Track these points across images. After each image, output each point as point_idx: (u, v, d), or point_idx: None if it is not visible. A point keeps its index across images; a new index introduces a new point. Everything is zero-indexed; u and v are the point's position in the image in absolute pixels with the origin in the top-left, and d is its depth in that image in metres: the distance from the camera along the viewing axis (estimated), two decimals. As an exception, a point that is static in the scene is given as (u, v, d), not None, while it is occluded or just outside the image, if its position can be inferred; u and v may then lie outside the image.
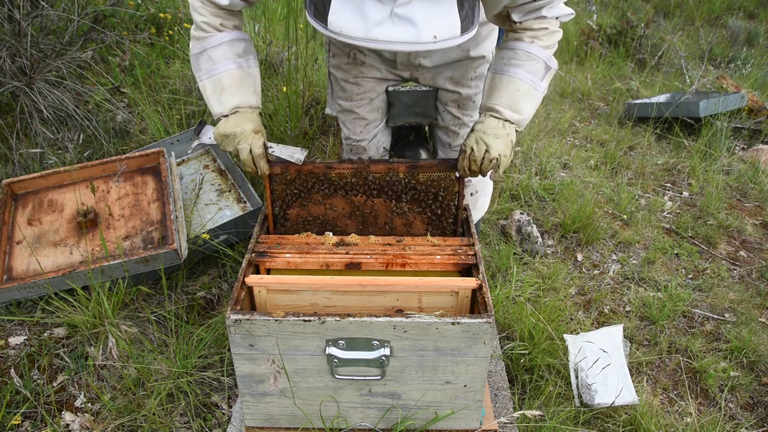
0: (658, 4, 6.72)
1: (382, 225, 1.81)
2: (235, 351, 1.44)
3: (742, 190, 3.37)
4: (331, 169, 1.76)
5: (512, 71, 1.65)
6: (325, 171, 1.76)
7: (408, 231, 1.82)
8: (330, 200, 1.79)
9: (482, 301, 1.48)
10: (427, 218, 1.81)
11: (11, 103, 2.83)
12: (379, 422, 1.57)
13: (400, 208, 1.79)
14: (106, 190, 2.36)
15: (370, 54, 1.96)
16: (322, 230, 1.82)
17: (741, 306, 2.48)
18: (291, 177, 1.77)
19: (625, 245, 2.83)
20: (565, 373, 2.01)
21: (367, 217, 1.81)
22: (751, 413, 2.03)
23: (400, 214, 1.80)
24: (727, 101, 3.82)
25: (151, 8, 3.75)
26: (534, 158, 3.40)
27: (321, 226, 1.82)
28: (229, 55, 1.65)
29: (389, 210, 1.79)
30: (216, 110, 1.67)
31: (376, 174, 1.76)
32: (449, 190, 1.78)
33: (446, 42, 1.37)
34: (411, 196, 1.79)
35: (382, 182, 1.77)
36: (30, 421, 1.77)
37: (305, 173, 1.76)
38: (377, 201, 1.79)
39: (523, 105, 1.66)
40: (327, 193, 1.79)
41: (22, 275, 2.08)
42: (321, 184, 1.78)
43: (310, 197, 1.79)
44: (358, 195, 1.79)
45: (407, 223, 1.81)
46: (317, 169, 1.76)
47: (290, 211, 1.81)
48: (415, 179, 1.77)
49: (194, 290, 2.29)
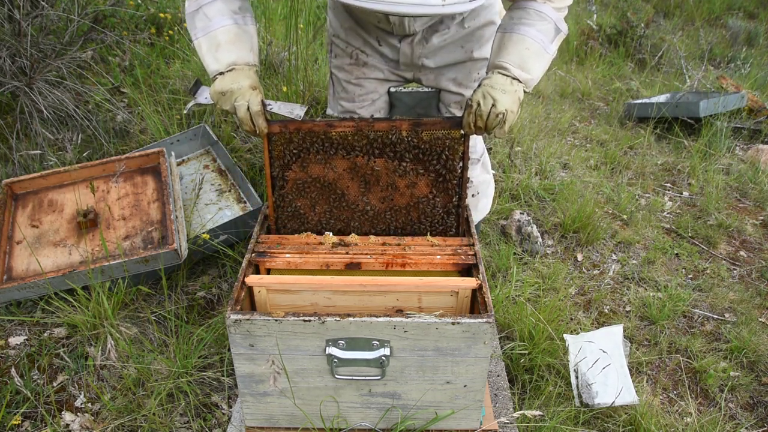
0: (658, 4, 6.72)
1: (384, 186, 1.75)
2: (235, 351, 1.44)
3: (742, 190, 3.37)
4: (332, 128, 1.68)
5: (522, 30, 1.61)
6: (326, 130, 1.68)
7: (411, 193, 1.75)
8: (330, 161, 1.73)
9: (482, 301, 1.48)
10: (431, 180, 1.74)
11: (11, 103, 2.83)
12: (379, 422, 1.57)
13: (403, 168, 1.73)
14: (106, 190, 2.36)
15: (373, 54, 1.96)
16: (322, 193, 1.77)
17: (741, 306, 2.48)
18: (290, 136, 1.70)
19: (625, 245, 2.83)
20: (565, 373, 2.01)
21: (368, 178, 1.74)
22: (751, 413, 2.03)
23: (403, 175, 1.74)
24: (727, 101, 3.82)
25: (151, 8, 3.75)
26: (534, 158, 3.40)
27: (321, 188, 1.77)
28: (224, 11, 1.61)
29: (391, 170, 1.73)
30: (212, 68, 1.62)
31: (378, 132, 1.69)
32: (454, 150, 1.70)
33: (455, 6, 1.33)
34: (414, 156, 1.71)
35: (385, 141, 1.70)
36: (30, 421, 1.77)
37: (305, 132, 1.69)
38: (379, 161, 1.72)
39: (532, 64, 1.61)
40: (327, 154, 1.72)
41: (22, 275, 2.08)
42: (321, 144, 1.71)
43: (310, 158, 1.72)
44: (359, 155, 1.72)
45: (410, 184, 1.74)
46: (317, 128, 1.68)
47: (289, 173, 1.75)
48: (419, 138, 1.69)
49: (194, 290, 2.29)
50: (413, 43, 1.88)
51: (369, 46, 1.94)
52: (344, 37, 1.96)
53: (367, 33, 1.92)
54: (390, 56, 1.95)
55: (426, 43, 1.89)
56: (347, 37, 1.96)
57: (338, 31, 1.98)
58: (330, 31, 2.03)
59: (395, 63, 1.96)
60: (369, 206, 1.78)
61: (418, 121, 1.67)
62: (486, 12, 1.91)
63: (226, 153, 2.66)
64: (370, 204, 1.78)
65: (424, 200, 1.76)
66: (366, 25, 1.90)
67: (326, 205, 1.79)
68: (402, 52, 1.91)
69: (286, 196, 1.79)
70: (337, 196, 1.77)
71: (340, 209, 1.79)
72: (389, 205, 1.78)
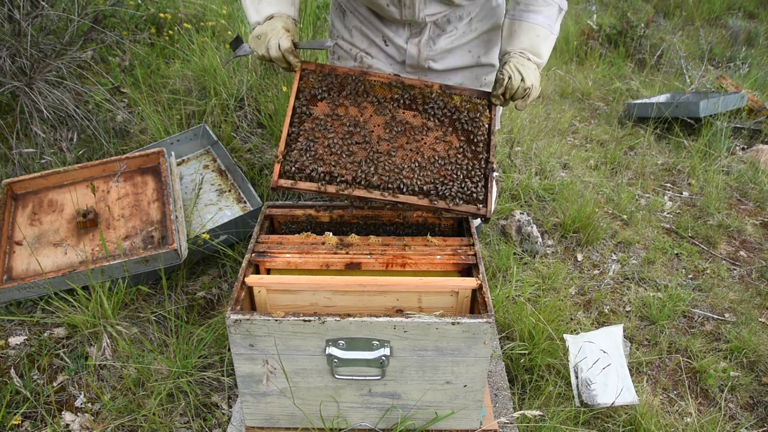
0: (658, 4, 6.72)
1: (411, 134, 1.78)
2: (235, 351, 1.44)
3: (742, 190, 3.37)
4: (367, 75, 1.79)
5: (531, 18, 1.77)
6: (360, 75, 1.79)
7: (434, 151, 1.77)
8: (360, 104, 1.79)
9: (482, 301, 1.48)
10: (457, 141, 1.79)
11: (11, 103, 2.83)
12: (379, 422, 1.57)
13: (430, 126, 1.79)
14: (106, 190, 2.36)
15: (378, 55, 1.95)
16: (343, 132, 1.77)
17: (741, 306, 2.48)
18: (325, 73, 1.78)
19: (625, 245, 2.83)
20: (565, 373, 2.01)
21: (396, 126, 1.78)
22: (751, 413, 2.03)
23: (428, 132, 1.79)
24: (727, 101, 3.82)
25: (151, 8, 3.75)
26: (534, 158, 3.40)
27: (344, 127, 1.77)
28: None
29: (418, 125, 1.79)
30: (253, 19, 1.74)
31: (411, 86, 1.79)
32: (482, 115, 1.81)
33: None
34: (443, 115, 1.80)
35: (416, 97, 1.79)
36: (30, 421, 1.77)
37: (340, 75, 1.78)
38: (408, 113, 1.79)
39: (542, 48, 1.78)
40: (358, 98, 1.79)
41: (22, 275, 2.08)
42: (353, 87, 1.79)
43: (340, 98, 1.79)
44: (389, 104, 1.79)
45: (436, 141, 1.78)
46: (353, 73, 1.78)
47: (315, 108, 1.79)
48: (449, 99, 1.80)
49: (194, 290, 2.29)
50: (420, 43, 1.88)
51: (375, 47, 1.94)
52: (349, 39, 1.96)
53: (374, 32, 1.91)
54: (396, 57, 1.94)
55: (433, 45, 1.88)
56: (352, 39, 1.96)
57: (342, 33, 1.98)
58: (333, 33, 2.03)
59: (401, 65, 1.95)
60: (389, 153, 1.76)
61: (450, 85, 1.81)
62: (493, 13, 1.91)
63: (226, 153, 2.66)
64: (390, 152, 1.77)
65: (447, 160, 1.78)
66: (372, 23, 1.90)
67: (344, 145, 1.76)
68: (408, 54, 1.91)
69: (303, 130, 1.78)
70: (360, 137, 1.78)
71: (359, 150, 1.76)
72: (410, 158, 1.77)
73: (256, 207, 2.41)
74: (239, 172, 2.55)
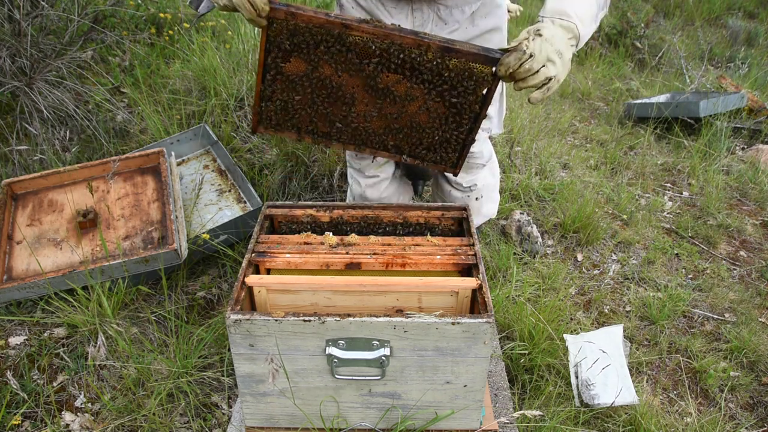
0: (658, 4, 6.72)
1: (389, 103, 1.60)
2: (235, 351, 1.44)
3: (742, 190, 3.37)
4: (348, 29, 1.47)
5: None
6: (341, 31, 1.47)
7: (417, 118, 1.62)
8: (338, 62, 1.54)
9: (482, 301, 1.48)
10: (443, 110, 1.60)
11: (11, 103, 2.83)
12: (379, 422, 1.57)
13: (415, 91, 1.57)
14: (106, 190, 2.36)
15: None
16: (320, 95, 1.60)
17: (741, 306, 2.48)
18: (297, 26, 1.47)
19: (625, 245, 2.83)
20: (565, 373, 2.01)
21: (378, 93, 1.58)
22: (751, 413, 2.03)
23: (413, 99, 1.59)
24: (727, 101, 3.82)
25: (151, 8, 3.75)
26: (534, 158, 3.40)
27: (321, 91, 1.59)
28: None
29: (402, 90, 1.57)
30: None
31: (401, 46, 1.48)
32: (478, 87, 1.53)
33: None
34: (432, 81, 1.54)
35: (404, 58, 1.50)
36: (30, 421, 1.77)
37: (315, 26, 1.47)
38: (392, 76, 1.54)
39: (590, 24, 1.45)
40: (337, 54, 1.52)
41: (22, 275, 2.08)
42: (331, 42, 1.50)
43: (315, 53, 1.52)
44: (371, 65, 1.53)
45: (420, 110, 1.60)
46: (331, 26, 1.46)
47: (287, 64, 1.55)
48: (444, 64, 1.50)
49: (194, 290, 2.29)
50: None
51: None
52: None
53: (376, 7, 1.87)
54: None
55: None
56: None
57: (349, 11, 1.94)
58: None
59: None
60: (368, 118, 1.64)
61: (450, 46, 1.47)
62: (495, 12, 1.88)
63: (226, 153, 2.66)
64: (371, 115, 1.64)
65: (427, 126, 1.65)
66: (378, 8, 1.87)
67: (320, 106, 1.65)
68: None
69: (277, 88, 1.62)
70: (337, 97, 1.61)
71: (336, 110, 1.64)
72: (390, 122, 1.65)
73: (256, 207, 2.41)
74: (239, 172, 2.55)
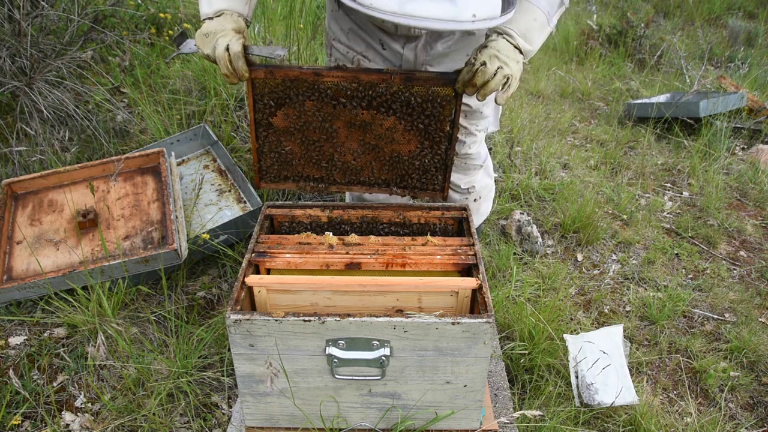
0: (658, 4, 6.72)
1: (371, 138, 1.73)
2: (235, 351, 1.44)
3: (742, 190, 3.37)
4: (320, 77, 1.63)
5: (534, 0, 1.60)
6: (314, 79, 1.64)
7: (397, 147, 1.74)
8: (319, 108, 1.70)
9: (482, 301, 1.48)
10: (418, 136, 1.71)
11: (11, 103, 2.83)
12: (379, 422, 1.57)
13: (390, 122, 1.70)
14: (106, 190, 2.36)
15: (375, 59, 1.94)
16: (309, 140, 1.75)
17: (741, 306, 2.48)
18: (276, 82, 1.65)
19: (625, 245, 2.83)
20: (565, 373, 2.01)
21: (359, 129, 1.72)
22: (751, 413, 2.03)
23: (389, 129, 1.71)
24: (727, 101, 3.82)
25: (151, 8, 3.75)
26: (534, 158, 3.40)
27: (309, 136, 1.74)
28: None
29: (378, 123, 1.71)
30: (203, 11, 1.61)
31: (369, 83, 1.64)
32: (444, 108, 1.66)
33: (485, 22, 1.32)
34: (403, 110, 1.68)
35: (374, 93, 1.65)
36: (30, 421, 1.77)
37: (291, 80, 1.64)
38: (367, 113, 1.69)
39: (536, 37, 1.59)
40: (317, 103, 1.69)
41: (22, 275, 2.08)
42: (308, 92, 1.67)
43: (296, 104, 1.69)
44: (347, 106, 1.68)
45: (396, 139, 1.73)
46: (305, 76, 1.63)
47: (274, 118, 1.72)
48: (410, 92, 1.64)
49: (194, 290, 2.29)
50: (417, 48, 1.87)
51: (372, 50, 1.93)
52: (346, 42, 1.95)
53: (370, 36, 1.91)
54: (393, 61, 1.93)
55: (430, 49, 1.87)
56: (349, 41, 1.95)
57: (338, 35, 1.97)
58: (330, 35, 2.02)
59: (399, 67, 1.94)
60: (354, 155, 1.78)
61: (411, 75, 1.62)
62: None
63: (226, 153, 2.66)
64: (356, 153, 1.77)
65: (409, 156, 1.76)
66: (367, 26, 1.90)
67: (313, 150, 1.78)
68: (405, 58, 1.90)
69: (270, 142, 1.77)
70: (324, 140, 1.75)
71: (325, 153, 1.78)
72: (374, 156, 1.77)
73: (256, 207, 2.41)
74: (239, 172, 2.55)
